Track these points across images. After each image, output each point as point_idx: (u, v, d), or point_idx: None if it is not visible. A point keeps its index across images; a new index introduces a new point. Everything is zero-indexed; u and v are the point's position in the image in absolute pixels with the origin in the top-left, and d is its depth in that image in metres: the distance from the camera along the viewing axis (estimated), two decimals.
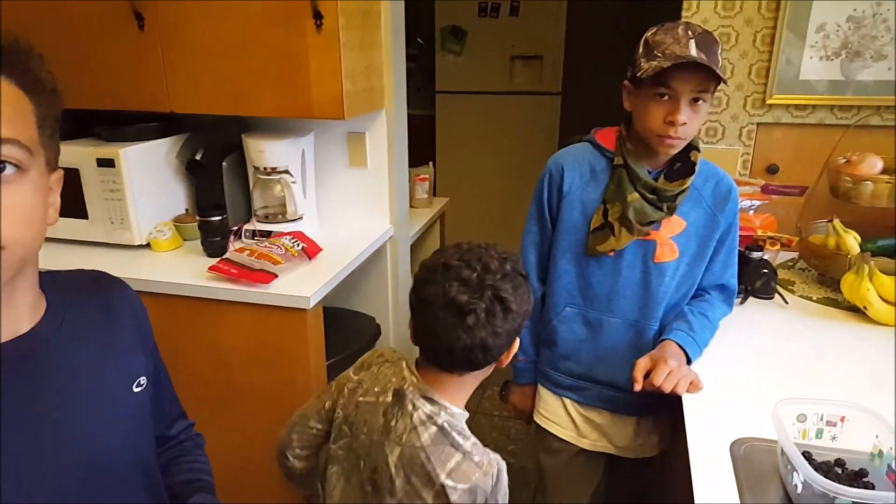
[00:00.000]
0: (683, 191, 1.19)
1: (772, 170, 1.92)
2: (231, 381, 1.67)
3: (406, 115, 2.01)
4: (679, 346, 1.18)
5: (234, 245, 1.77)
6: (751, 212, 1.73)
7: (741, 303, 1.48)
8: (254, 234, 1.83)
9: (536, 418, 1.42)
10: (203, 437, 0.94)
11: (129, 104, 1.76)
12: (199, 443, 0.92)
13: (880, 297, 1.38)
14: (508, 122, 3.75)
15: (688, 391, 1.11)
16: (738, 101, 1.91)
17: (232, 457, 1.67)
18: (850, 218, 1.62)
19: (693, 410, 1.08)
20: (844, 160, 1.67)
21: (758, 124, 1.91)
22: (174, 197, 1.93)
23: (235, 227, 1.85)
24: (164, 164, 1.87)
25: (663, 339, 1.20)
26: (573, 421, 1.36)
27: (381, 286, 2.06)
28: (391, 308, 2.08)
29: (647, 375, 1.12)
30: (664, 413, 1.33)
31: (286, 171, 1.81)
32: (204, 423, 1.00)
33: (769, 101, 1.88)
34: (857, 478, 0.89)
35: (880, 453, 0.89)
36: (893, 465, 0.85)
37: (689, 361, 1.18)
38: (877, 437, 0.90)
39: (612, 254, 1.22)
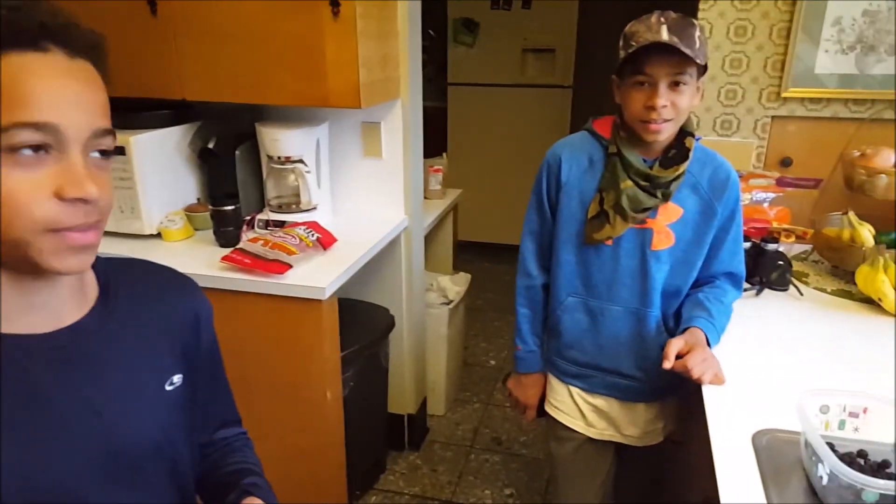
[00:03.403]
0: (678, 177, 1.19)
1: (786, 163, 1.92)
2: (244, 372, 1.65)
3: (421, 105, 2.00)
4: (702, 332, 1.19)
5: (247, 235, 1.77)
6: (765, 204, 1.73)
7: (757, 294, 1.49)
8: (267, 223, 1.82)
9: (547, 407, 1.44)
10: (253, 442, 0.93)
11: (140, 91, 1.73)
12: (248, 444, 0.91)
13: (895, 288, 1.38)
14: (520, 114, 3.74)
15: (711, 382, 1.11)
16: (753, 94, 1.91)
17: None
18: (864, 210, 1.62)
19: (714, 401, 1.08)
20: (859, 153, 1.67)
21: (773, 117, 1.91)
22: (185, 186, 1.91)
23: (248, 217, 1.84)
24: (175, 153, 1.85)
25: (688, 327, 1.20)
26: (580, 410, 1.38)
27: (395, 277, 2.05)
28: (405, 299, 2.08)
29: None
30: (669, 399, 1.35)
31: (300, 161, 1.80)
32: None
33: (784, 95, 1.87)
34: (881, 469, 0.89)
35: None
36: None
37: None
38: None
39: (609, 242, 1.23)
